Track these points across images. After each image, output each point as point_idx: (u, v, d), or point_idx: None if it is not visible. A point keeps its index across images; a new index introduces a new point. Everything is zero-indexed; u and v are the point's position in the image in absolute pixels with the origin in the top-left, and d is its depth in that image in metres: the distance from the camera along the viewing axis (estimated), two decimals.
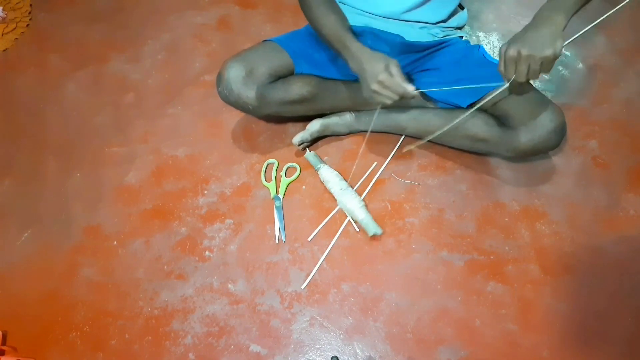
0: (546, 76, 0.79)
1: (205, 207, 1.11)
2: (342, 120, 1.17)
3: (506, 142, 1.01)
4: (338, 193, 1.07)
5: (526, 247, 1.02)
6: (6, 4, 1.63)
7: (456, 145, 1.13)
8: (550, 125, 0.95)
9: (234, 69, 1.03)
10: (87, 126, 1.30)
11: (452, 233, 1.05)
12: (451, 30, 1.11)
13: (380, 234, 1.02)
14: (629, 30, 1.48)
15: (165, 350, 0.92)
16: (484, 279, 0.98)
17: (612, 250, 1.01)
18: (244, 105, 1.05)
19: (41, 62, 1.48)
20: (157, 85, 1.38)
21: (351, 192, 1.07)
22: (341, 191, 1.07)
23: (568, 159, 1.16)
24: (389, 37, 1.07)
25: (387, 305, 0.95)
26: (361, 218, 1.03)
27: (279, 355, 0.91)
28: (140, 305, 0.98)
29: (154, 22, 1.57)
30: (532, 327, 0.92)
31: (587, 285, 0.97)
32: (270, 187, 1.13)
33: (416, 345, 0.91)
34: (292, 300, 0.97)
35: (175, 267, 1.03)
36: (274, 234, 1.06)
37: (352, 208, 1.04)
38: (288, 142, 1.20)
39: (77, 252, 1.06)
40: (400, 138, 1.19)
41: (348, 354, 0.90)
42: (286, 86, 1.06)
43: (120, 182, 1.17)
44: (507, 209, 1.08)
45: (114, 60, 1.46)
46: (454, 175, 1.14)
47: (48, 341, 0.94)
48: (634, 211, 1.07)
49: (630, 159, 1.16)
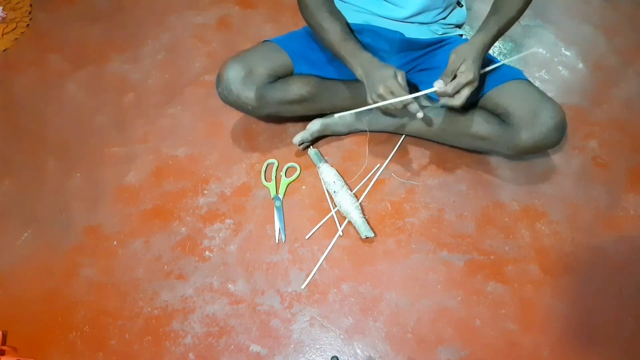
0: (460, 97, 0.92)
1: (205, 207, 1.11)
2: (342, 120, 1.17)
3: (507, 140, 1.01)
4: (334, 193, 1.07)
5: (526, 247, 1.02)
6: (6, 4, 1.63)
7: (456, 144, 1.13)
8: (550, 123, 0.95)
9: (233, 69, 1.03)
10: (87, 126, 1.30)
11: (452, 233, 1.05)
12: (451, 27, 1.11)
13: (372, 236, 1.02)
14: (629, 30, 1.48)
15: (165, 350, 0.92)
16: (484, 279, 0.98)
17: (612, 250, 1.01)
18: (243, 105, 1.06)
19: (41, 62, 1.47)
20: (157, 85, 1.38)
21: (347, 193, 1.07)
22: (337, 192, 1.07)
23: (568, 159, 1.16)
24: (388, 34, 1.07)
25: (387, 305, 0.95)
26: (354, 220, 1.03)
27: (279, 355, 0.91)
28: (140, 305, 0.98)
29: (154, 22, 1.57)
30: (532, 327, 0.92)
31: (587, 285, 0.97)
32: (270, 187, 1.13)
33: (416, 345, 0.91)
34: (292, 300, 0.97)
35: (175, 267, 1.03)
36: (274, 234, 1.06)
37: (347, 209, 1.04)
38: (288, 142, 1.20)
39: (77, 252, 1.06)
40: (401, 138, 1.19)
41: (348, 354, 0.90)
42: (285, 86, 1.07)
43: (120, 182, 1.17)
44: (507, 209, 1.08)
45: (114, 60, 1.46)
46: (454, 175, 1.14)
47: (48, 341, 0.94)
48: (634, 211, 1.07)
49: (630, 159, 1.16)
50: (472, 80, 0.90)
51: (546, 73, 1.36)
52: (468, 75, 0.89)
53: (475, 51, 0.91)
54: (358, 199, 1.08)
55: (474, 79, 0.90)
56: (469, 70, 0.89)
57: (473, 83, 0.91)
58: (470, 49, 0.91)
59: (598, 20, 1.51)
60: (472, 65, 0.90)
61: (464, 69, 0.89)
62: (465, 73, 0.89)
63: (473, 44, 0.92)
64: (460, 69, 0.90)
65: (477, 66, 0.91)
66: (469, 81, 0.90)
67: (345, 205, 1.04)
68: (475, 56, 0.91)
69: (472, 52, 0.91)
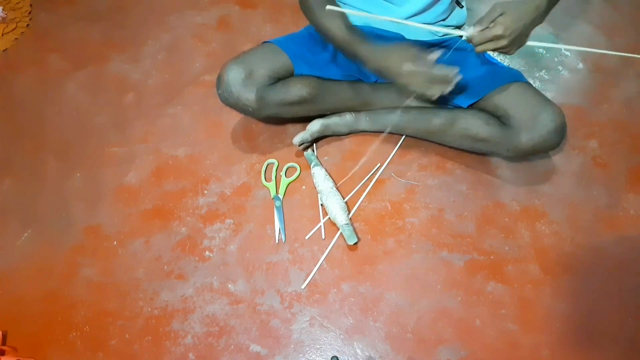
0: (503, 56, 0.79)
1: (205, 207, 1.11)
2: (343, 121, 1.17)
3: (506, 142, 1.01)
4: (322, 195, 1.07)
5: (526, 247, 1.02)
6: (6, 4, 1.63)
7: (456, 145, 1.13)
8: (550, 125, 0.96)
9: (233, 71, 1.03)
10: (87, 126, 1.30)
11: (452, 233, 1.05)
12: (451, 29, 1.12)
13: (354, 243, 1.00)
14: (629, 30, 1.48)
15: (165, 350, 0.92)
16: (484, 279, 0.98)
17: (612, 250, 1.02)
18: (243, 107, 1.06)
19: (41, 62, 1.48)
20: (157, 85, 1.39)
21: (335, 196, 1.06)
22: (324, 195, 1.06)
23: (568, 159, 1.16)
24: (389, 36, 1.07)
25: (387, 305, 0.95)
26: (338, 225, 1.03)
27: (279, 355, 0.91)
28: (140, 305, 0.98)
29: (154, 22, 1.57)
30: (532, 327, 0.92)
31: (587, 285, 0.97)
32: (270, 187, 1.13)
33: (416, 345, 0.91)
34: (292, 300, 0.97)
35: (175, 267, 1.03)
36: (274, 234, 1.06)
37: (334, 213, 1.03)
38: (288, 142, 1.20)
39: (77, 252, 1.06)
40: (401, 138, 1.19)
41: (348, 354, 0.90)
42: (286, 87, 1.06)
43: (120, 182, 1.17)
44: (507, 209, 1.08)
45: (114, 60, 1.46)
46: (454, 175, 1.14)
47: (48, 341, 0.94)
48: (634, 211, 1.07)
49: (630, 159, 1.16)
50: (501, 36, 0.80)
51: (546, 73, 1.36)
52: (498, 29, 0.80)
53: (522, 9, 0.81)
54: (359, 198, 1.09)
55: (503, 35, 0.80)
56: (503, 25, 0.80)
57: (501, 41, 0.81)
58: (518, 4, 0.81)
59: (598, 20, 1.51)
60: (511, 23, 0.80)
61: (501, 21, 0.80)
62: (497, 27, 0.80)
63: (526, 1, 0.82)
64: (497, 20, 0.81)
65: (517, 27, 0.81)
66: (496, 36, 0.81)
67: (332, 209, 1.04)
68: (520, 15, 0.81)
69: (518, 9, 0.81)
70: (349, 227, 1.01)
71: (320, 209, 1.08)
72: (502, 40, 0.82)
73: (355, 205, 1.08)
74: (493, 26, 0.81)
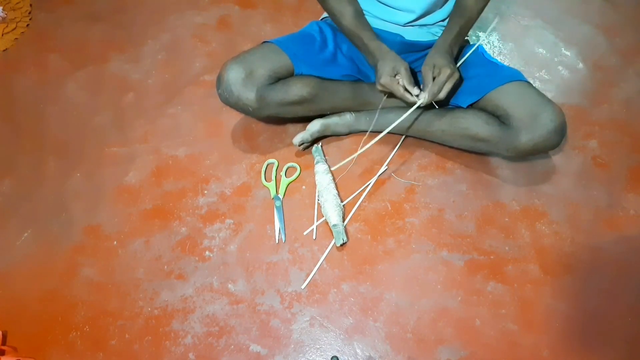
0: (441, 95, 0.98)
1: (205, 207, 1.11)
2: (342, 120, 1.17)
3: (506, 142, 1.01)
4: (320, 194, 1.07)
5: (526, 247, 1.02)
6: (6, 4, 1.62)
7: (456, 145, 1.13)
8: (550, 125, 0.96)
9: (233, 71, 1.03)
10: (87, 126, 1.30)
11: (452, 233, 1.05)
12: None
13: (341, 244, 1.01)
14: (629, 30, 1.48)
15: (165, 350, 0.92)
16: (484, 279, 0.98)
17: (612, 250, 1.02)
18: (244, 107, 1.06)
19: (41, 62, 1.47)
20: (157, 85, 1.38)
21: (331, 195, 1.06)
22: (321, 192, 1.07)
23: (568, 159, 1.16)
24: (388, 37, 1.07)
25: (387, 305, 0.95)
26: (330, 224, 1.03)
27: (279, 355, 0.91)
28: (140, 305, 0.98)
29: (154, 22, 1.57)
30: (532, 327, 0.92)
31: (587, 285, 0.97)
32: (270, 187, 1.13)
33: (416, 345, 0.91)
34: (292, 300, 0.97)
35: (175, 267, 1.03)
36: (274, 234, 1.06)
37: (327, 213, 1.04)
38: (288, 142, 1.20)
39: (77, 252, 1.06)
40: (401, 138, 1.19)
41: (348, 354, 0.90)
42: (286, 87, 1.06)
43: (120, 182, 1.17)
44: (507, 209, 1.08)
45: (114, 60, 1.46)
46: (454, 175, 1.14)
47: (48, 341, 0.94)
48: (634, 211, 1.07)
49: (630, 159, 1.16)
50: (451, 73, 0.95)
51: (546, 73, 1.36)
52: (445, 71, 0.95)
53: (441, 51, 0.99)
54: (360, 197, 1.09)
55: (452, 72, 0.95)
56: (443, 67, 0.95)
57: (453, 75, 0.96)
58: (435, 52, 0.99)
59: (598, 20, 1.51)
60: (444, 63, 0.96)
61: (439, 67, 0.96)
62: (443, 70, 0.95)
63: (437, 46, 1.01)
64: (434, 73, 0.96)
65: (450, 60, 0.98)
66: (448, 75, 0.95)
67: (327, 208, 1.04)
68: (443, 54, 0.98)
69: (439, 53, 0.98)
70: (337, 228, 1.01)
71: (316, 208, 1.08)
72: (454, 74, 0.96)
73: (355, 205, 1.08)
74: (438, 74, 0.95)
